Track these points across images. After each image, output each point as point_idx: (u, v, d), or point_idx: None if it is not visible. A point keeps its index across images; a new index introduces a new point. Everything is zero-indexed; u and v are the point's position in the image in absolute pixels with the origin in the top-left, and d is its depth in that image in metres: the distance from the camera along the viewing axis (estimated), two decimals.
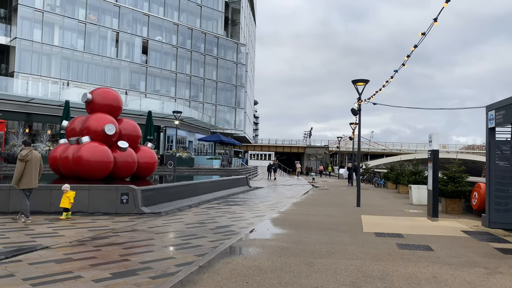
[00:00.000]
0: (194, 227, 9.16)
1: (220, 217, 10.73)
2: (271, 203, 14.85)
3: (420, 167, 21.94)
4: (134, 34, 42.71)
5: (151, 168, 16.27)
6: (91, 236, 7.78)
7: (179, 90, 46.74)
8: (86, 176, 13.54)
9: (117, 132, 14.59)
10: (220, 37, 51.24)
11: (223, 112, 52.10)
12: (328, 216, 11.47)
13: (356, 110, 14.04)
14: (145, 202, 11.33)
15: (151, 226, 9.11)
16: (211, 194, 16.34)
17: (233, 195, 17.89)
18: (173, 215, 11.01)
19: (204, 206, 13.37)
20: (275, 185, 27.12)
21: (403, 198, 18.44)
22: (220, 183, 18.03)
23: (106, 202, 10.80)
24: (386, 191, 23.40)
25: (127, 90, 40.37)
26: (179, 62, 46.53)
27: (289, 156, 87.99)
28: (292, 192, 20.56)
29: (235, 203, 14.41)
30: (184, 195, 13.89)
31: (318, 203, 15.24)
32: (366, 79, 14.03)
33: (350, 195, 20.02)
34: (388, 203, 16.30)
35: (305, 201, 15.96)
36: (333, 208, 13.68)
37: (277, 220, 10.32)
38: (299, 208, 13.42)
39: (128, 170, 14.98)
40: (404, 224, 10.10)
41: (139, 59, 43.16)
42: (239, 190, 20.31)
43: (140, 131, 16.09)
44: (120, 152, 14.59)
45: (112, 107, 15.11)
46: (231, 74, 52.70)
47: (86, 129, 14.20)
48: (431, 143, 11.13)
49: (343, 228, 9.27)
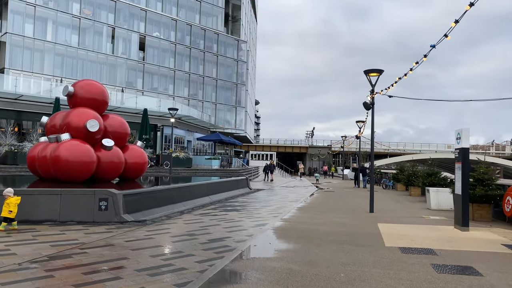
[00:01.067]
0: (182, 240, 7.63)
1: (215, 227, 9.19)
2: (273, 208, 13.32)
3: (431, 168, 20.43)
4: (130, 30, 41.22)
5: (141, 169, 14.75)
6: (51, 254, 6.26)
7: (178, 88, 45.24)
8: (65, 178, 12.04)
9: (101, 129, 13.08)
10: (220, 33, 49.73)
11: (223, 111, 50.56)
12: (340, 224, 9.92)
13: (369, 104, 12.52)
14: (128, 208, 9.81)
15: (130, 239, 7.59)
16: (207, 198, 14.82)
17: (232, 198, 16.36)
18: (160, 223, 9.48)
19: (198, 212, 11.85)
20: (276, 187, 25.57)
21: (417, 202, 16.87)
22: (217, 185, 16.50)
23: (81, 209, 9.28)
24: (397, 194, 21.84)
25: (123, 88, 38.86)
26: (177, 59, 45.01)
27: (291, 156, 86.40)
28: (295, 195, 19.02)
29: (233, 208, 12.88)
30: (176, 199, 12.36)
31: (326, 208, 13.70)
32: (380, 69, 12.49)
33: (359, 198, 18.48)
34: (403, 208, 14.74)
35: (311, 206, 14.42)
36: (343, 214, 12.13)
37: (281, 231, 8.78)
38: (305, 214, 11.88)
39: (114, 171, 13.47)
40: (431, 236, 8.54)
41: (136, 56, 41.68)
42: (239, 192, 18.78)
43: (128, 128, 14.57)
44: (104, 152, 13.08)
45: (97, 102, 13.60)
46: (231, 72, 51.15)
47: (66, 126, 12.70)
48: (460, 140, 9.57)
49: (360, 241, 7.73)
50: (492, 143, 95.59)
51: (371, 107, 12.61)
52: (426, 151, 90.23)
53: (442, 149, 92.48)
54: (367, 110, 12.65)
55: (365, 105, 12.60)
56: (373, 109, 12.67)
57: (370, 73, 12.58)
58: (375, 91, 12.62)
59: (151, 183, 17.29)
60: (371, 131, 12.64)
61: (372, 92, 12.58)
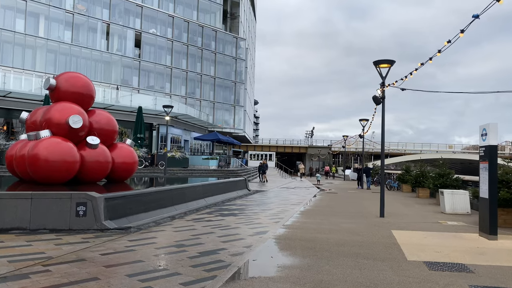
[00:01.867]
0: (168, 252, 6.50)
1: (208, 235, 8.06)
2: (274, 212, 12.18)
3: (427, 169, 19.36)
4: (126, 26, 40.07)
5: (130, 170, 13.60)
6: (5, 273, 5.12)
7: (175, 86, 44.09)
8: (44, 180, 10.91)
9: (85, 125, 11.94)
10: (219, 30, 48.59)
11: (221, 110, 49.42)
12: (350, 232, 8.79)
13: (380, 98, 11.40)
14: (111, 214, 8.67)
15: (108, 251, 6.45)
16: (202, 201, 13.69)
17: (229, 201, 15.22)
18: (147, 231, 8.35)
19: (191, 217, 10.71)
20: (275, 188, 24.44)
21: (428, 205, 15.76)
22: (213, 187, 15.36)
23: (55, 215, 8.13)
24: (403, 195, 20.71)
25: (118, 86, 37.72)
26: (174, 56, 43.88)
27: (291, 157, 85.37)
28: (297, 197, 17.89)
29: (230, 213, 11.74)
30: (166, 203, 11.22)
31: (332, 212, 12.57)
32: (391, 60, 11.37)
33: (365, 200, 17.36)
34: (414, 211, 13.62)
35: (315, 209, 13.29)
36: (351, 219, 11.00)
37: (284, 240, 7.65)
38: (310, 219, 10.75)
39: (100, 171, 12.32)
40: (457, 246, 7.42)
41: (131, 53, 40.53)
42: (237, 194, 17.65)
43: (117, 125, 13.42)
44: (89, 150, 11.94)
45: (82, 96, 12.45)
46: (230, 70, 50.02)
47: (47, 122, 11.56)
48: (486, 136, 8.47)
49: (377, 253, 6.60)
50: None
51: (381, 101, 11.49)
52: (427, 151, 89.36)
53: (443, 149, 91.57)
54: (377, 105, 11.53)
55: (375, 99, 11.48)
56: (383, 104, 11.56)
57: (381, 64, 11.47)
58: (385, 83, 11.51)
59: (142, 185, 16.15)
60: (382, 127, 11.52)
61: (382, 85, 11.47)
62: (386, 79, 11.56)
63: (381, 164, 11.71)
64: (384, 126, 11.56)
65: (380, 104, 11.50)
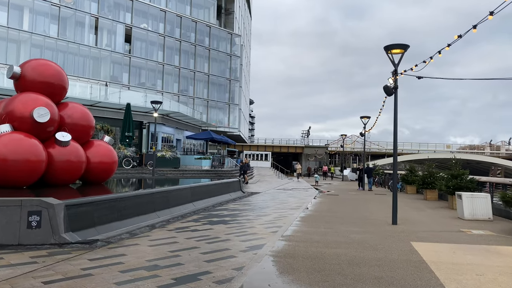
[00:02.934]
0: (134, 279, 4.98)
1: (190, 251, 6.55)
2: (271, 218, 10.69)
3: (432, 169, 17.95)
4: (116, 20, 38.41)
5: (108, 170, 12.07)
6: None
7: (167, 83, 42.48)
8: (3, 182, 9.37)
9: (54, 119, 10.40)
10: (213, 26, 47.03)
11: (215, 108, 47.85)
12: (363, 245, 7.31)
13: (391, 88, 9.95)
14: (74, 224, 7.15)
15: (55, 278, 4.93)
16: (190, 205, 12.18)
17: (221, 205, 13.72)
18: (117, 245, 6.83)
19: (175, 225, 9.19)
20: (272, 190, 22.96)
21: (440, 209, 14.34)
22: (203, 189, 13.84)
23: (1, 227, 6.60)
24: (409, 198, 19.31)
25: (107, 82, 36.04)
26: (166, 52, 42.27)
27: (287, 157, 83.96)
28: (295, 200, 16.41)
29: (220, 220, 10.23)
30: (147, 209, 9.70)
31: (336, 218, 11.09)
32: (405, 44, 9.93)
33: (370, 203, 15.91)
34: (428, 216, 12.17)
35: (317, 215, 11.81)
36: (361, 227, 9.53)
37: (285, 258, 6.16)
38: (312, 227, 9.27)
39: (72, 172, 10.79)
40: (500, 266, 5.97)
41: (121, 49, 38.88)
42: (230, 197, 16.15)
43: (93, 120, 11.89)
44: (59, 148, 10.42)
45: (51, 86, 10.92)
46: (224, 67, 48.46)
47: (8, 115, 10.03)
48: None
49: (403, 277, 5.13)
50: (490, 144, 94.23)
51: (393, 91, 10.03)
52: (425, 151, 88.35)
53: (441, 149, 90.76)
54: (388, 95, 10.07)
55: (386, 89, 10.02)
56: (396, 94, 10.10)
57: (392, 49, 10.01)
58: (398, 71, 10.05)
59: (126, 187, 14.61)
60: (394, 121, 10.07)
61: (395, 73, 10.01)
62: (398, 66, 10.10)
63: (394, 164, 10.25)
64: (396, 120, 10.12)
65: (392, 94, 10.04)
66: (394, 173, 10.42)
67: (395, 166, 10.28)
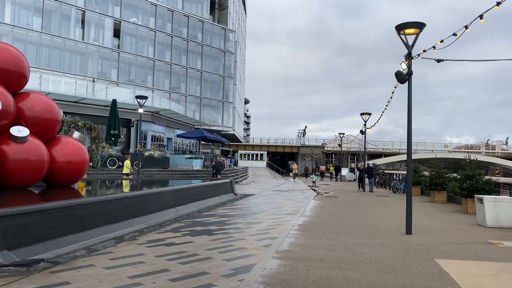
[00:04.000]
0: None
1: (156, 277, 5.02)
2: (263, 226, 9.18)
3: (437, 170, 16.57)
4: (104, 14, 36.76)
5: (77, 171, 10.52)
6: None
7: (158, 80, 40.87)
8: None
9: (8, 111, 8.85)
10: (206, 21, 45.46)
11: (209, 106, 46.28)
12: (378, 265, 5.82)
13: (405, 74, 8.48)
14: (13, 239, 5.63)
15: None
16: (172, 211, 10.66)
17: (208, 210, 12.19)
18: (65, 267, 5.29)
19: (147, 237, 7.66)
20: (266, 191, 21.47)
21: (453, 213, 12.90)
22: (188, 192, 12.30)
23: None
24: (414, 200, 17.81)
25: (94, 79, 34.38)
26: (157, 48, 40.66)
27: (282, 156, 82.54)
28: (292, 203, 14.91)
29: (204, 229, 8.71)
30: (117, 217, 8.18)
31: (340, 226, 9.60)
32: (420, 22, 8.47)
33: (374, 207, 14.44)
34: (443, 223, 10.72)
35: (317, 222, 10.32)
36: (370, 237, 8.05)
37: (281, 287, 4.65)
38: (313, 239, 7.78)
39: (30, 174, 9.23)
40: None
41: (110, 44, 37.23)
42: (220, 200, 14.62)
43: (59, 113, 10.34)
44: (14, 145, 8.86)
45: (7, 73, 9.38)
46: (218, 63, 46.90)
47: None
48: None
49: None
50: (487, 143, 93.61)
51: (407, 78, 8.55)
52: (422, 150, 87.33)
53: (438, 149, 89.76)
54: (401, 83, 8.59)
55: (398, 75, 8.53)
56: (410, 82, 8.62)
57: (406, 29, 8.54)
58: (412, 54, 8.58)
59: (100, 190, 13.06)
60: (408, 111, 8.60)
61: (409, 57, 8.54)
62: (412, 49, 8.63)
63: (408, 162, 8.75)
64: (410, 112, 8.63)
65: (405, 81, 8.56)
66: (408, 173, 8.90)
67: (409, 165, 8.77)
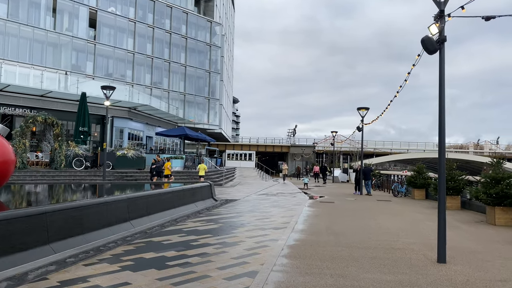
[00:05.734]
0: None
1: None
2: (241, 251, 6.73)
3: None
4: (77, 2, 33.93)
5: None
6: None
7: (138, 74, 38.15)
8: None
9: None
10: (190, 13, 42.83)
11: (194, 103, 43.65)
12: None
13: (435, 41, 6.05)
14: None
15: None
16: (124, 226, 8.18)
17: (176, 222, 9.69)
18: None
19: (66, 274, 5.15)
20: (253, 195, 19.03)
21: (476, 223, 10.59)
22: (150, 200, 9.77)
23: None
24: (421, 205, 15.60)
25: (67, 72, 31.56)
26: (138, 40, 37.94)
27: (272, 156, 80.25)
28: (281, 212, 12.48)
29: (156, 258, 6.22)
30: (30, 241, 5.68)
31: (345, 250, 7.18)
32: None
33: (381, 216, 12.03)
34: (475, 241, 8.37)
35: (314, 242, 7.89)
36: (391, 271, 5.63)
37: None
38: (310, 275, 5.35)
39: None
40: None
41: (85, 34, 34.42)
42: (194, 209, 12.13)
43: None
44: None
45: None
46: (203, 58, 44.30)
47: None
48: None
49: None
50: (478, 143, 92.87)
51: (438, 47, 6.17)
52: (414, 150, 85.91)
53: (430, 149, 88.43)
54: (430, 53, 6.20)
55: (426, 42, 6.11)
56: (442, 51, 6.24)
57: None
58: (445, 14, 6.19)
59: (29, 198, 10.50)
60: (440, 92, 6.23)
61: (440, 16, 6.15)
62: (446, 6, 6.25)
63: (440, 160, 6.35)
64: (443, 90, 6.26)
65: (435, 51, 6.19)
66: (440, 175, 6.45)
67: (441, 163, 6.35)
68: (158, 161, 19.28)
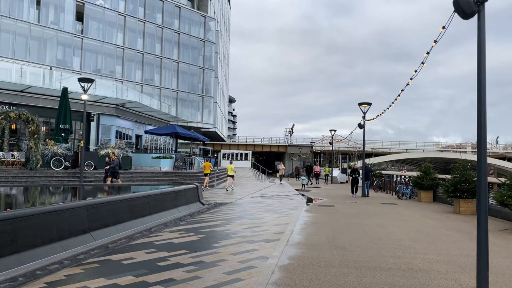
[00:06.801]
0: None
1: None
2: (219, 276, 5.23)
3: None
4: None
5: None
6: None
7: (129, 70, 36.57)
8: None
9: None
10: (183, 7, 41.27)
11: (187, 101, 42.09)
12: None
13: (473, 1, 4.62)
14: None
15: None
16: (82, 239, 6.69)
17: (149, 233, 8.17)
18: None
19: None
20: (246, 197, 17.54)
21: (505, 234, 9.11)
22: (118, 207, 8.23)
23: None
24: (430, 209, 14.14)
25: (51, 67, 29.96)
26: (128, 35, 36.36)
27: (269, 156, 78.78)
28: (275, 218, 10.98)
29: (108, 284, 4.69)
30: None
31: (354, 274, 5.70)
32: None
33: (389, 224, 10.53)
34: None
35: (313, 261, 6.42)
36: None
37: None
38: None
39: None
40: None
41: (71, 28, 32.81)
42: (176, 215, 10.62)
43: None
44: None
45: None
46: (197, 54, 42.74)
47: None
48: None
49: None
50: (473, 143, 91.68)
51: (476, 9, 4.69)
52: (413, 150, 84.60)
53: (429, 148, 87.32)
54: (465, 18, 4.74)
55: (462, 4, 4.67)
56: (481, 15, 4.76)
57: None
58: None
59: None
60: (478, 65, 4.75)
61: None
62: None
63: (479, 158, 4.85)
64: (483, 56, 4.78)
65: (472, 15, 4.72)
66: (481, 176, 4.93)
67: (482, 161, 4.85)
68: (113, 160, 16.83)
